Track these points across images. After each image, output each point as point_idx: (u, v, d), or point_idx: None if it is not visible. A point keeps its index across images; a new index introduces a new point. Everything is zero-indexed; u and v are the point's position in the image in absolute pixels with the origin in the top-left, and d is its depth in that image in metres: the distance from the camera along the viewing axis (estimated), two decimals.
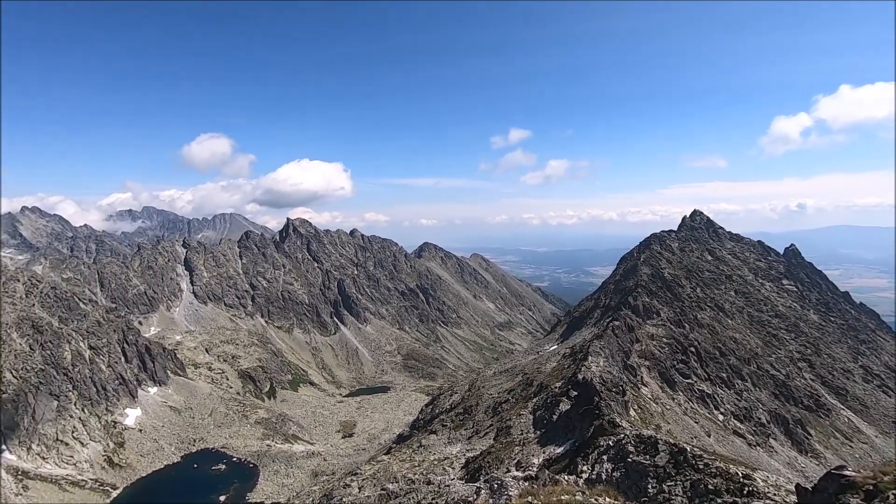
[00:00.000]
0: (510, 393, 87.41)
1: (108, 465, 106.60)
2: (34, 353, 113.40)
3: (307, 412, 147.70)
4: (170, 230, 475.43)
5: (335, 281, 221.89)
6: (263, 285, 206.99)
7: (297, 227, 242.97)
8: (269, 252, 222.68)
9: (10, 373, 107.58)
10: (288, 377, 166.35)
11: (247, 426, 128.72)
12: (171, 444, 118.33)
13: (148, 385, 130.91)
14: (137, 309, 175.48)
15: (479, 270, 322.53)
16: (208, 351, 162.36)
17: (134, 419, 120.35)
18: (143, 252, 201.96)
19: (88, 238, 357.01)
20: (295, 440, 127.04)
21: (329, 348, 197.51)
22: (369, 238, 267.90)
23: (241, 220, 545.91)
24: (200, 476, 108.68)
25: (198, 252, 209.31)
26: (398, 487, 57.24)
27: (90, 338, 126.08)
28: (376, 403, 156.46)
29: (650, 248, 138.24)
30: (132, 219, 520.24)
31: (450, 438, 79.00)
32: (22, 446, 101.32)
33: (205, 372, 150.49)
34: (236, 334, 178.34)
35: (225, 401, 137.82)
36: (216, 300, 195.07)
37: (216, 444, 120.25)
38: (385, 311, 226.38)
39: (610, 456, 37.29)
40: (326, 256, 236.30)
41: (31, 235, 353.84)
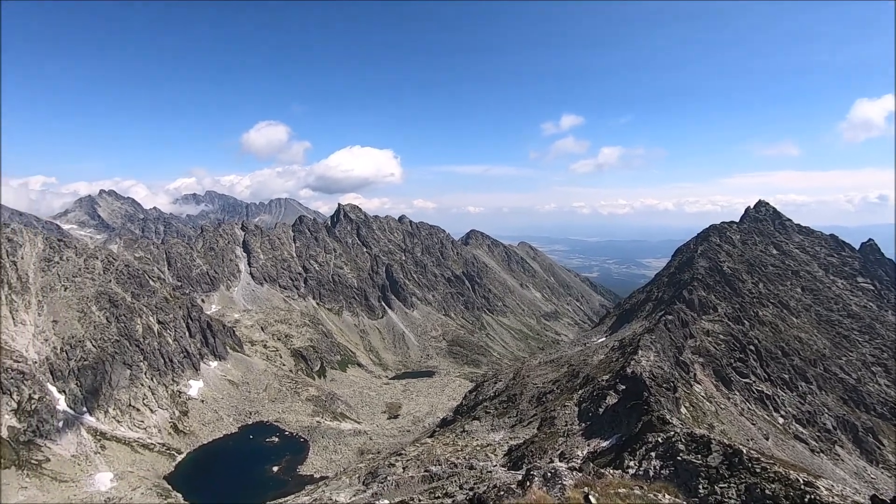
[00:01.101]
0: (555, 384, 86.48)
1: (174, 432, 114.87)
2: (110, 325, 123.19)
3: (355, 392, 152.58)
4: (230, 213, 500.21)
5: (383, 266, 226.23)
6: (315, 268, 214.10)
7: (347, 213, 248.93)
8: (321, 236, 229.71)
9: (90, 342, 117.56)
10: (337, 358, 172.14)
11: (298, 402, 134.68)
12: (229, 415, 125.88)
13: (209, 359, 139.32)
14: (200, 287, 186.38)
15: (527, 259, 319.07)
16: (264, 329, 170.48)
17: (197, 390, 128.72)
18: (206, 234, 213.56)
19: (157, 220, 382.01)
20: (343, 418, 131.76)
21: (376, 331, 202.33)
22: (417, 224, 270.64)
23: (296, 204, 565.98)
24: (256, 447, 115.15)
25: (255, 235, 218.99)
26: (441, 470, 58.27)
27: (159, 313, 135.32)
28: (421, 387, 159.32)
29: (709, 240, 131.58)
30: (196, 202, 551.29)
31: (493, 425, 79.36)
32: (100, 410, 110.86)
33: (260, 349, 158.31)
34: (290, 315, 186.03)
35: (278, 377, 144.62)
36: (271, 281, 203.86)
37: (270, 418, 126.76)
38: (431, 296, 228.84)
39: (658, 453, 36.23)
40: (375, 242, 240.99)
41: (107, 217, 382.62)
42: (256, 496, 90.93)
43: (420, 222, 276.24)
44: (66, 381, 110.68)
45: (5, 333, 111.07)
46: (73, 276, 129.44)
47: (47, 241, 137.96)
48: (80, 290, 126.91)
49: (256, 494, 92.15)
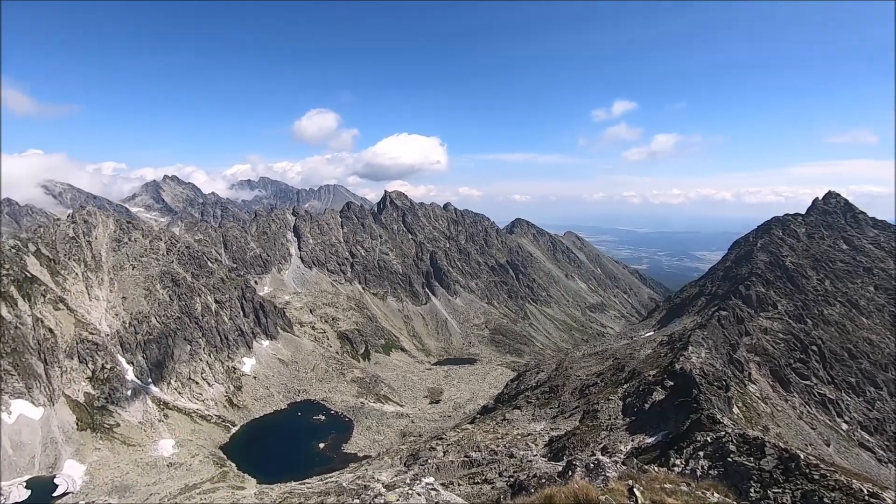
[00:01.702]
0: (599, 376, 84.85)
1: (229, 405, 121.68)
2: (173, 303, 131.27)
3: (398, 376, 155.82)
4: (282, 199, 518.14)
5: (428, 253, 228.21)
6: (362, 254, 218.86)
7: (393, 200, 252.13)
8: (367, 222, 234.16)
9: (155, 318, 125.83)
10: (381, 342, 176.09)
11: (344, 383, 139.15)
12: (279, 392, 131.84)
13: (261, 338, 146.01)
14: (254, 269, 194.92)
15: (573, 249, 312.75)
16: (312, 311, 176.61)
17: (250, 367, 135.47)
18: (259, 219, 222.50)
19: (215, 204, 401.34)
20: (386, 400, 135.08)
21: (420, 317, 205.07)
22: (462, 212, 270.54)
23: (344, 191, 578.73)
24: (303, 423, 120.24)
25: (305, 220, 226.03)
26: (481, 456, 58.72)
27: (216, 293, 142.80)
28: (463, 374, 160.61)
29: (770, 233, 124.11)
30: (251, 188, 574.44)
31: (534, 415, 79.00)
32: (164, 381, 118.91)
33: (309, 330, 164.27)
34: (337, 298, 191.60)
35: (325, 358, 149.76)
36: (320, 265, 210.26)
37: (317, 397, 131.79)
38: (475, 284, 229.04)
39: (707, 453, 34.90)
40: (420, 228, 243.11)
41: (170, 200, 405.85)
42: (304, 470, 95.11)
43: (465, 210, 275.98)
44: (133, 354, 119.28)
45: (81, 307, 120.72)
46: (140, 256, 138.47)
47: (118, 223, 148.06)
48: (146, 269, 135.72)
49: (304, 468, 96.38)
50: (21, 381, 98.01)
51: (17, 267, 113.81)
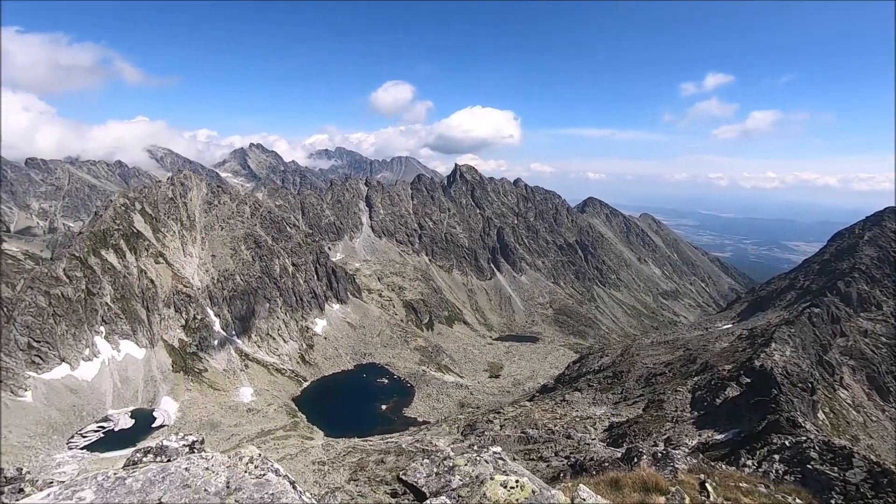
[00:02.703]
0: (668, 366, 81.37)
1: (301, 362, 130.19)
2: (254, 263, 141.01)
3: (459, 348, 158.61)
4: (356, 169, 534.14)
5: (495, 228, 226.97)
6: (430, 226, 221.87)
7: (463, 174, 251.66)
8: (436, 195, 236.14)
9: (239, 276, 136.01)
10: (445, 313, 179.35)
11: (407, 350, 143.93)
12: (347, 353, 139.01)
13: (332, 301, 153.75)
14: (328, 236, 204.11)
15: (648, 232, 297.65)
16: (380, 279, 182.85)
17: (321, 328, 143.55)
18: (335, 188, 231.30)
19: (295, 172, 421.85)
20: (446, 371, 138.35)
21: (484, 292, 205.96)
22: (532, 188, 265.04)
23: (415, 163, 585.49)
24: (368, 385, 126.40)
25: (377, 191, 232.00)
26: (537, 434, 58.90)
27: (293, 256, 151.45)
28: (524, 351, 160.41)
29: (881, 225, 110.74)
30: (327, 157, 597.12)
31: (595, 399, 77.64)
32: (245, 335, 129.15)
33: (376, 297, 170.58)
34: (404, 268, 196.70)
35: (391, 325, 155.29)
36: (389, 235, 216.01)
37: (381, 361, 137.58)
38: (541, 263, 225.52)
39: (784, 457, 32.70)
40: (489, 203, 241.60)
41: (255, 167, 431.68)
42: (366, 428, 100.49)
43: (535, 186, 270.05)
44: (220, 307, 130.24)
45: (177, 262, 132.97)
46: (228, 218, 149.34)
47: (209, 186, 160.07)
48: (232, 230, 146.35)
49: (366, 427, 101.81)
50: (128, 324, 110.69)
51: (125, 223, 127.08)
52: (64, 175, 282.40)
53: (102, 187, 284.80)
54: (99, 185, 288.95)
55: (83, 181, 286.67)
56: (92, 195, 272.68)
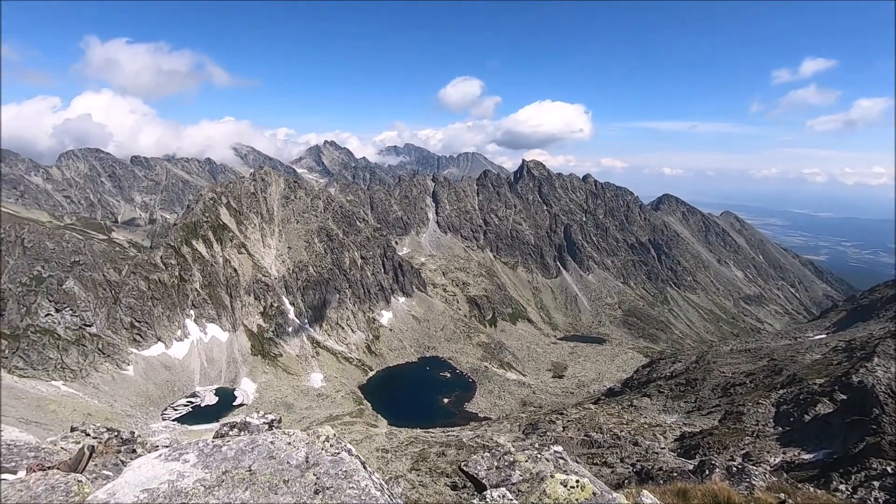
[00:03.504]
0: (749, 377, 75.72)
1: (368, 352, 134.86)
2: (326, 255, 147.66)
3: (522, 346, 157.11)
4: (423, 165, 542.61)
5: (562, 225, 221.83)
6: (495, 222, 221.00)
7: (531, 169, 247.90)
8: (502, 191, 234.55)
9: (312, 268, 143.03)
10: (508, 310, 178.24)
11: (470, 346, 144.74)
12: (411, 345, 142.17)
13: (398, 294, 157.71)
14: (395, 231, 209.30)
15: (730, 231, 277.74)
16: (444, 274, 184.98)
17: (387, 320, 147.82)
18: (402, 183, 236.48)
19: (365, 168, 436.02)
20: (509, 368, 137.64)
21: (549, 290, 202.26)
22: (602, 185, 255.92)
23: (482, 159, 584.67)
24: (431, 377, 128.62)
25: (443, 186, 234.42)
26: (602, 438, 57.16)
27: (362, 249, 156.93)
28: (589, 353, 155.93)
29: None
30: (396, 154, 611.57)
31: (665, 406, 73.96)
32: (317, 323, 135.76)
33: (441, 292, 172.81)
34: (468, 264, 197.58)
35: (454, 320, 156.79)
36: (454, 231, 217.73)
37: (444, 355, 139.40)
38: (610, 262, 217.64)
39: (885, 484, 29.48)
40: (556, 200, 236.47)
41: (329, 164, 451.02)
42: (428, 420, 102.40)
43: (606, 182, 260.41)
44: (294, 296, 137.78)
45: (257, 253, 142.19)
46: (303, 212, 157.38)
47: (287, 182, 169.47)
48: (307, 224, 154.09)
49: (428, 418, 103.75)
50: (214, 309, 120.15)
51: (213, 216, 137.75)
52: (162, 171, 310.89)
53: (194, 182, 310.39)
54: (191, 181, 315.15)
55: (178, 177, 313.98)
56: (185, 190, 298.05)
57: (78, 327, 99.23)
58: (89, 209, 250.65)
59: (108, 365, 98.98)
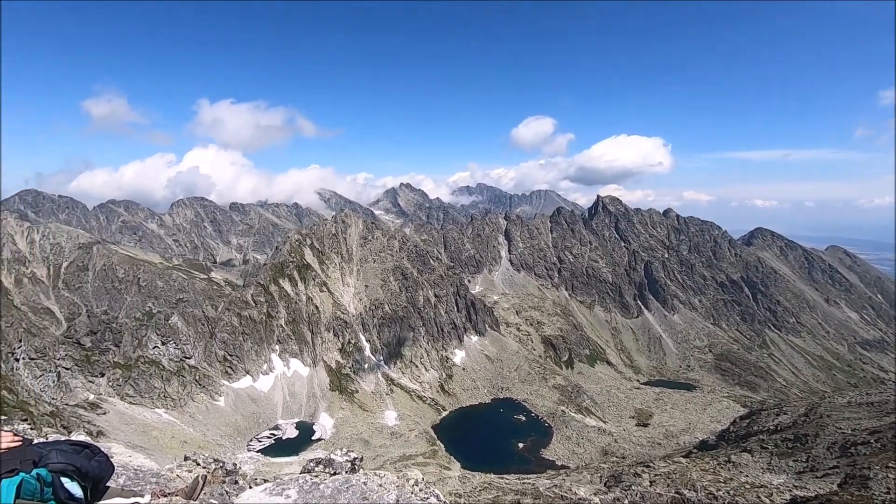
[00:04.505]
0: (873, 435, 65.78)
1: (441, 391, 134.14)
2: (401, 294, 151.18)
3: (601, 389, 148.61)
4: (495, 204, 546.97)
5: (642, 262, 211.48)
6: (570, 260, 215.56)
7: (606, 205, 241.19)
8: (577, 228, 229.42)
9: (388, 305, 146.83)
10: (586, 352, 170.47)
11: (545, 388, 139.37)
12: (484, 386, 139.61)
13: (471, 333, 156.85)
14: (467, 269, 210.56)
15: (839, 268, 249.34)
16: (518, 313, 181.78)
17: (459, 359, 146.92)
18: (475, 222, 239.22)
19: (438, 208, 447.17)
20: (588, 413, 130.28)
21: (629, 331, 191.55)
22: (685, 219, 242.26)
23: (554, 196, 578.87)
24: (504, 420, 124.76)
25: (516, 224, 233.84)
26: (696, 497, 51.78)
27: (435, 288, 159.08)
28: (677, 400, 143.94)
29: None
30: (469, 193, 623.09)
31: (770, 465, 65.86)
32: (391, 361, 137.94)
33: (514, 331, 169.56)
34: (542, 302, 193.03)
35: (529, 360, 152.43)
36: (528, 269, 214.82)
37: (519, 397, 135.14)
38: (698, 301, 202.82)
39: None
40: (635, 236, 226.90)
41: (404, 205, 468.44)
42: (502, 465, 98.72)
43: (689, 217, 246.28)
44: (370, 333, 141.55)
45: (337, 291, 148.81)
46: (379, 252, 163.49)
47: (365, 223, 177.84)
48: (383, 263, 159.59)
49: (502, 463, 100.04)
50: (296, 344, 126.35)
51: (298, 255, 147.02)
52: (255, 216, 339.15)
53: (283, 225, 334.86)
54: (280, 224, 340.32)
55: (269, 221, 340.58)
56: (275, 232, 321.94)
57: (179, 359, 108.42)
58: (193, 251, 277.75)
59: (203, 395, 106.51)
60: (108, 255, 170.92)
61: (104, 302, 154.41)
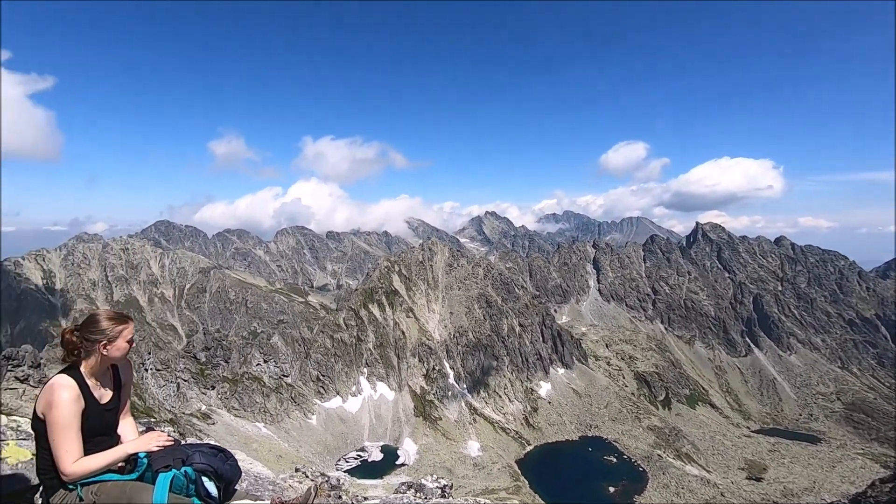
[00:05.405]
0: None
1: (525, 424, 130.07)
2: (485, 322, 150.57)
3: (704, 435, 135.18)
4: (583, 232, 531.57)
5: (750, 295, 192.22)
6: (665, 291, 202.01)
7: (706, 232, 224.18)
8: (673, 257, 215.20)
9: (472, 333, 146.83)
10: (685, 391, 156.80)
11: (639, 428, 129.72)
12: (571, 421, 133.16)
13: (557, 365, 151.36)
14: (553, 298, 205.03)
15: None
16: (608, 346, 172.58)
17: (545, 391, 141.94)
18: (561, 250, 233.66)
19: (524, 236, 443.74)
20: (688, 460, 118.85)
21: (736, 371, 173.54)
22: (802, 248, 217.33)
23: (648, 223, 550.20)
24: (594, 460, 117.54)
25: (605, 253, 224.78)
26: None
27: (520, 317, 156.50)
28: (797, 453, 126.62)
29: None
30: (555, 221, 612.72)
31: None
32: (475, 390, 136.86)
33: (603, 365, 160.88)
34: (635, 336, 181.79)
35: (620, 397, 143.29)
36: (618, 300, 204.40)
37: (609, 436, 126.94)
38: (820, 341, 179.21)
39: None
40: (741, 266, 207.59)
41: (489, 233, 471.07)
42: None
43: (807, 245, 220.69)
44: (454, 361, 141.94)
45: (422, 317, 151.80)
46: (464, 279, 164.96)
47: (451, 251, 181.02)
48: (467, 290, 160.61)
49: None
50: (383, 368, 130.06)
51: (386, 282, 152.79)
52: (349, 244, 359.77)
53: (373, 253, 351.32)
54: (371, 251, 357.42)
55: (361, 248, 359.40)
56: (366, 259, 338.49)
57: (278, 377, 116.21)
58: (293, 276, 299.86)
59: (298, 413, 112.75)
60: (223, 279, 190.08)
61: (217, 321, 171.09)
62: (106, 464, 4.41)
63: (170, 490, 4.35)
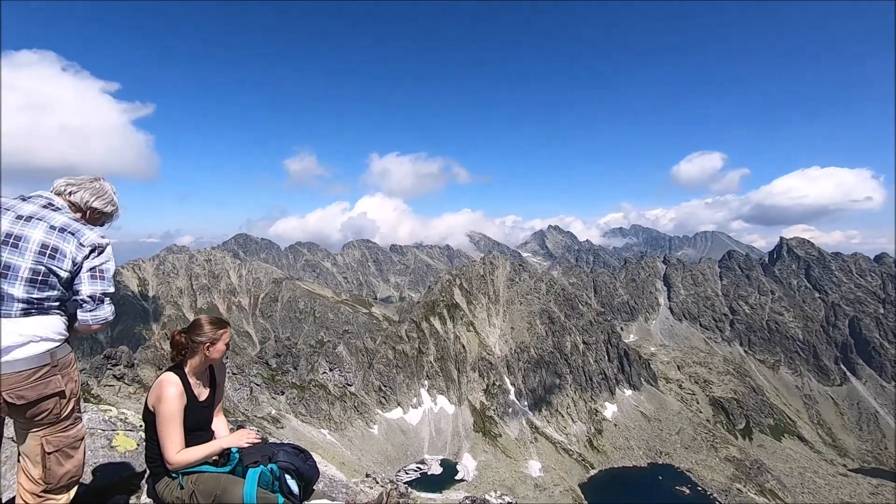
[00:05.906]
0: None
1: (589, 446, 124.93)
2: (548, 338, 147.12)
3: (792, 470, 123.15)
4: (652, 247, 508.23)
5: (845, 318, 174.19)
6: (745, 311, 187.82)
7: (792, 248, 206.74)
8: (754, 275, 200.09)
9: (533, 349, 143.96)
10: (769, 421, 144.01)
11: (715, 459, 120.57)
12: (639, 447, 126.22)
13: (624, 386, 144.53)
14: (620, 316, 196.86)
15: None
16: (680, 368, 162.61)
17: (611, 413, 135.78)
18: (629, 266, 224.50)
19: (588, 251, 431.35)
20: (773, 497, 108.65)
21: (829, 401, 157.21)
22: None
23: (724, 238, 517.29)
24: (664, 490, 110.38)
25: (677, 269, 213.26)
26: None
27: (584, 334, 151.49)
28: None
29: None
30: (622, 235, 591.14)
31: None
32: (536, 408, 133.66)
33: (675, 388, 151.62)
34: (710, 358, 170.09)
35: (693, 424, 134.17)
36: (691, 319, 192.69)
37: (681, 465, 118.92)
38: None
39: None
40: (834, 286, 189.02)
41: (552, 247, 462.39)
42: None
43: None
44: (515, 377, 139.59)
45: (483, 332, 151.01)
46: (526, 294, 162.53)
47: (512, 265, 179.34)
48: (529, 305, 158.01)
49: None
50: (444, 381, 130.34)
51: (448, 295, 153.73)
52: (411, 257, 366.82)
53: (435, 266, 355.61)
54: (433, 264, 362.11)
55: (423, 261, 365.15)
56: (428, 272, 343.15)
57: (342, 385, 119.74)
58: (358, 287, 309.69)
59: (360, 422, 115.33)
60: (293, 290, 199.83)
61: (288, 329, 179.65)
62: (204, 456, 4.87)
63: (258, 485, 4.71)
